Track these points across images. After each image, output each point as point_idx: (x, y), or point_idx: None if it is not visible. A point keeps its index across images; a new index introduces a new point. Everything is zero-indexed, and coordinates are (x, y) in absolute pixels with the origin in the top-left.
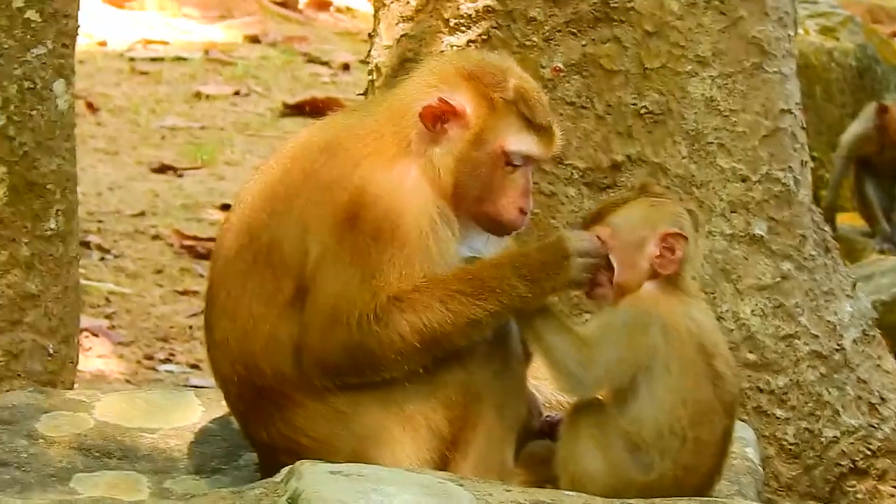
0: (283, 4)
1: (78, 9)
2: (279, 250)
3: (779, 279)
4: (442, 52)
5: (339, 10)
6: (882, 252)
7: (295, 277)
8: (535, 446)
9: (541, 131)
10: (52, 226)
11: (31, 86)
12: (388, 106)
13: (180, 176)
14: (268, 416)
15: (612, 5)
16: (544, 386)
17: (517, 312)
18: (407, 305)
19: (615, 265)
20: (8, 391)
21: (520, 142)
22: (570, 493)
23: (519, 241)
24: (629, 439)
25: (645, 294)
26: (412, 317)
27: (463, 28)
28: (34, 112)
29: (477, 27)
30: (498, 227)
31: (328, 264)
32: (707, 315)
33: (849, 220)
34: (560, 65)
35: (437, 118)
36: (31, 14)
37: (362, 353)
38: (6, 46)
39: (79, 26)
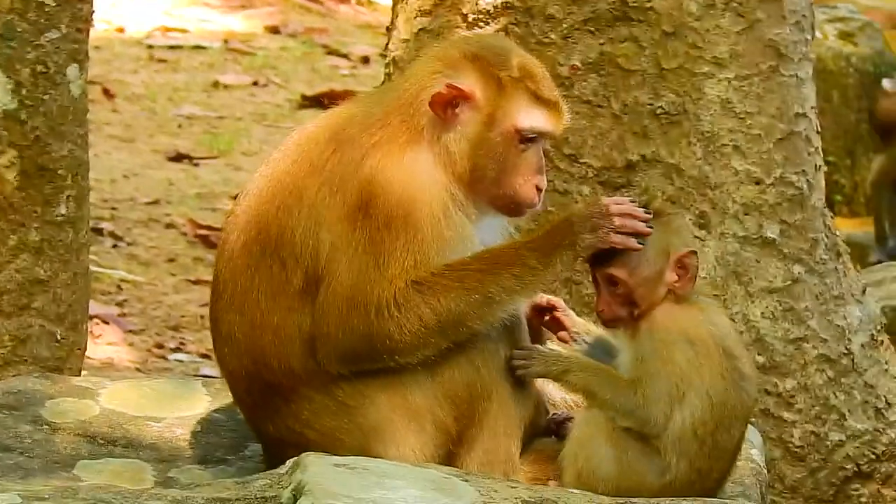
0: None
1: None
2: (289, 243)
3: (789, 282)
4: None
5: (359, 2)
6: (880, 261)
7: (305, 270)
8: (541, 444)
9: (549, 105)
10: (63, 211)
11: (45, 70)
12: (395, 95)
13: (196, 165)
14: (275, 410)
15: (630, 4)
16: (550, 385)
17: (532, 289)
18: (427, 288)
19: (637, 300)
20: (14, 376)
21: (530, 118)
22: (576, 491)
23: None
24: (648, 443)
25: (661, 315)
26: (432, 299)
27: (481, 23)
28: (47, 97)
29: (495, 23)
30: (515, 208)
31: (341, 254)
32: (724, 317)
33: (861, 227)
34: (578, 63)
35: (447, 104)
36: None
37: (380, 338)
38: (19, 30)
39: (93, 11)
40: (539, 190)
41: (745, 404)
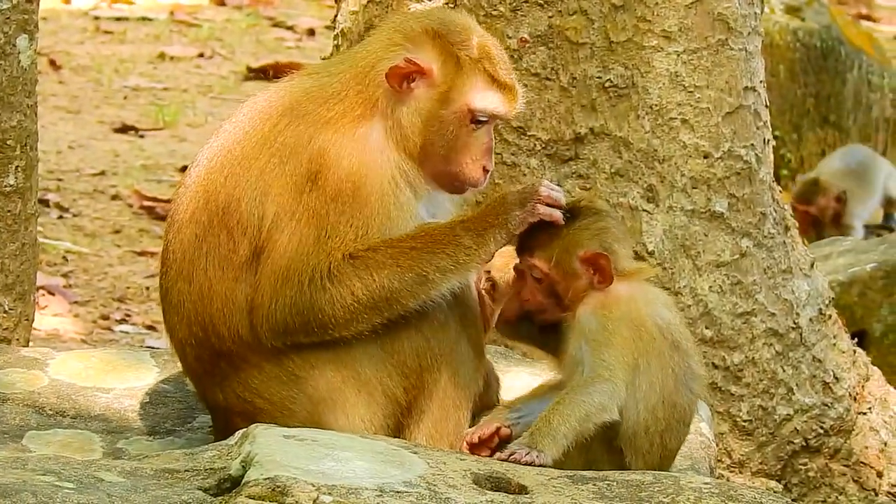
0: None
1: None
2: (236, 212)
3: (737, 256)
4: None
5: None
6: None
7: (251, 239)
8: (491, 417)
9: (505, 89)
10: (11, 182)
11: None
12: (350, 66)
13: (142, 136)
14: (224, 378)
15: None
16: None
17: (465, 269)
18: (360, 262)
19: (560, 292)
20: None
21: (485, 99)
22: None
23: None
24: (609, 439)
25: (602, 298)
26: (365, 275)
27: None
28: None
29: None
30: (459, 186)
31: (284, 224)
32: (672, 311)
33: None
34: (526, 35)
35: (404, 77)
36: None
37: (312, 311)
38: None
39: None
40: (486, 171)
41: (691, 407)
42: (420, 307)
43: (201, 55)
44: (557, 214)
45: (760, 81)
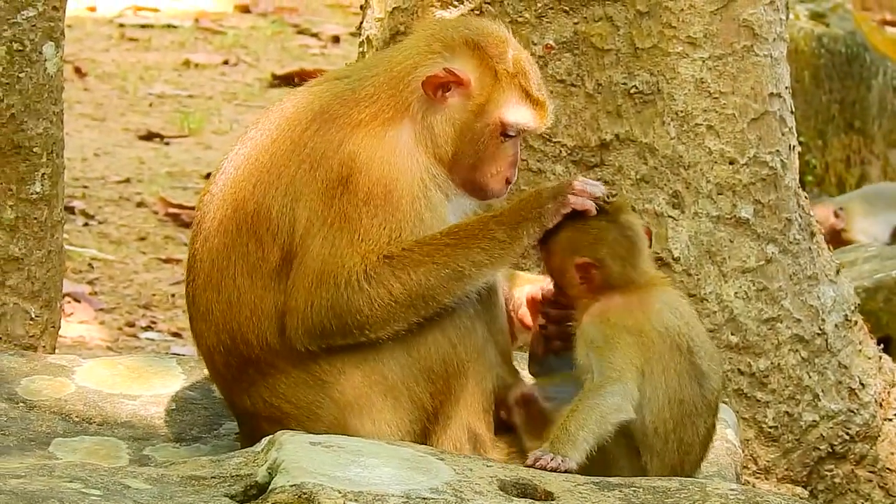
0: None
1: None
2: (266, 220)
3: (763, 262)
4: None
5: None
6: None
7: (281, 246)
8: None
9: (537, 105)
10: (38, 189)
11: (21, 48)
12: (385, 69)
13: (167, 144)
14: (251, 384)
15: None
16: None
17: (500, 263)
18: (397, 262)
19: (563, 286)
20: None
21: (518, 114)
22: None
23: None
24: (628, 441)
25: (601, 306)
26: (402, 273)
27: (455, 2)
28: (22, 74)
29: (469, 1)
30: (481, 194)
31: (316, 229)
32: (679, 309)
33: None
34: (552, 42)
35: (440, 86)
36: None
37: (350, 313)
38: None
39: None
40: (508, 183)
41: (707, 398)
42: (454, 304)
43: (226, 62)
44: (590, 205)
45: (786, 87)
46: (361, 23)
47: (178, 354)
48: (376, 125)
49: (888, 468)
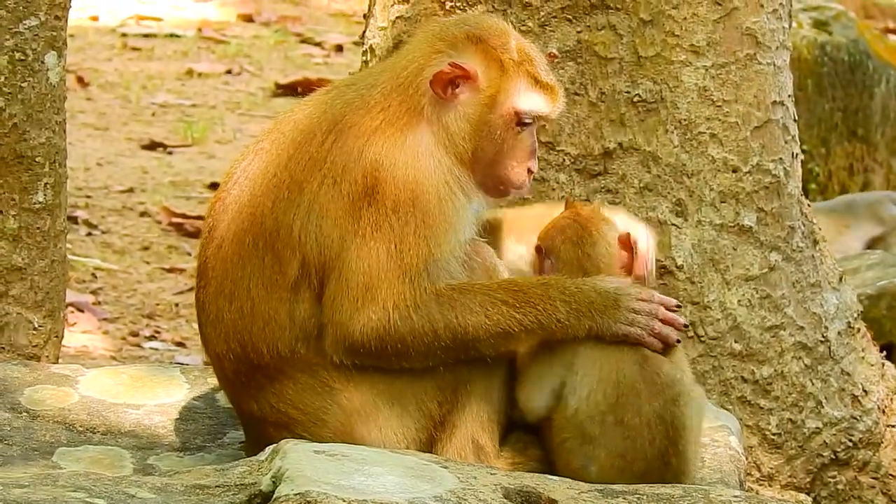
0: None
1: None
2: (287, 237)
3: (766, 270)
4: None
5: None
6: None
7: (301, 260)
8: (522, 431)
9: (548, 89)
10: (41, 199)
11: (23, 57)
12: (392, 75)
13: (170, 153)
14: (259, 389)
15: None
16: None
17: (549, 337)
18: (446, 301)
19: None
20: None
21: (530, 101)
22: (554, 477)
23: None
24: (573, 434)
25: None
26: (450, 315)
27: (458, 11)
28: (25, 84)
29: (473, 10)
30: (504, 189)
31: (349, 243)
32: None
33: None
34: (555, 51)
35: (448, 83)
36: None
37: (391, 338)
38: None
39: None
40: (530, 173)
41: (651, 380)
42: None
43: (229, 72)
44: (673, 338)
45: (789, 96)
46: (364, 32)
47: (182, 364)
48: (393, 131)
49: (891, 474)
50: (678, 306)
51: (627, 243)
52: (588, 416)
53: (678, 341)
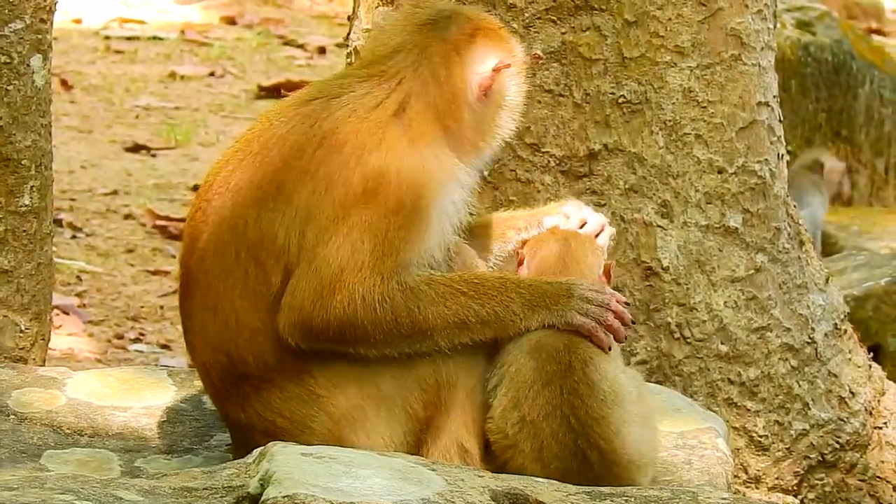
0: None
1: None
2: (271, 244)
3: (752, 271)
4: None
5: None
6: None
7: (284, 269)
8: None
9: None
10: (27, 202)
11: (8, 61)
12: (385, 79)
13: (153, 156)
14: (245, 398)
15: None
16: None
17: (503, 331)
18: (413, 294)
19: None
20: None
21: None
22: (542, 480)
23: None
24: (496, 439)
25: None
26: (413, 305)
27: None
28: (10, 87)
29: None
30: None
31: (329, 237)
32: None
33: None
34: (539, 52)
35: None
36: None
37: (352, 326)
38: None
39: (56, 1)
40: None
41: (543, 368)
42: (449, 350)
43: (212, 74)
44: (622, 335)
45: (774, 96)
46: (349, 34)
47: (168, 366)
48: (397, 135)
49: (878, 476)
50: (627, 303)
51: (608, 275)
52: (501, 417)
53: (626, 337)
